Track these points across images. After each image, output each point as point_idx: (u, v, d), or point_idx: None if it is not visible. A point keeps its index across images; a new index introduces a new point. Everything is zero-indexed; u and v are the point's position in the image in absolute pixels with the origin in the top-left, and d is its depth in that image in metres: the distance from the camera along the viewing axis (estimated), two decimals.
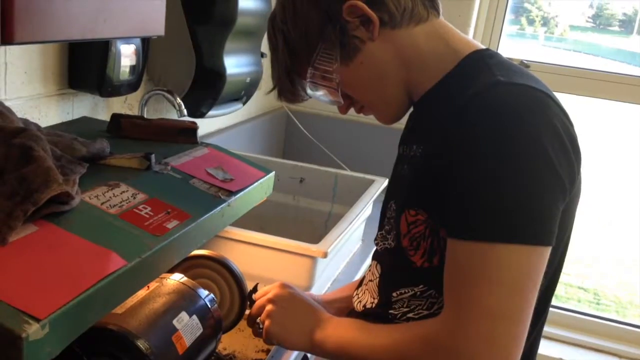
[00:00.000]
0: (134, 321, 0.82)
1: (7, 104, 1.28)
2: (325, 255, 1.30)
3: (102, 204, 0.84)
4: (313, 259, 1.32)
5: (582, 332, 2.62)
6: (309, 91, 0.98)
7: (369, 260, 1.75)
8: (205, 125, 2.02)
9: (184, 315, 0.88)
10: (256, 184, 1.10)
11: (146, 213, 0.86)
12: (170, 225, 0.85)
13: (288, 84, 0.99)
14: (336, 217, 1.56)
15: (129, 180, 0.93)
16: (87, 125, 1.22)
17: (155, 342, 0.81)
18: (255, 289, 1.05)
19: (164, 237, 0.82)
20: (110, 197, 0.86)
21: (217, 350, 1.14)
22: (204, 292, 0.96)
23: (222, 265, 1.05)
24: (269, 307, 0.99)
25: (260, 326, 0.99)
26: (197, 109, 1.65)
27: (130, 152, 1.00)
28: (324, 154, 2.33)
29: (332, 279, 1.59)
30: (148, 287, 0.91)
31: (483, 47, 0.92)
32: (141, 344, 0.79)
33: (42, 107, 1.35)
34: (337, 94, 0.95)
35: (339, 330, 0.94)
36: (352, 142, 2.41)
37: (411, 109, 0.98)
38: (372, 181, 1.77)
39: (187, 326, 0.87)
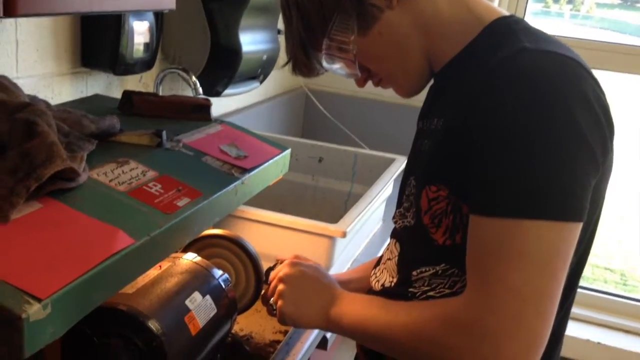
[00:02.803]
0: (145, 301, 0.79)
1: (19, 82, 1.26)
2: (344, 235, 1.26)
3: (111, 181, 0.81)
4: (332, 238, 1.29)
5: (609, 313, 2.57)
6: (324, 64, 0.94)
7: (387, 242, 1.71)
8: (223, 105, 1.99)
9: (197, 295, 0.85)
10: (271, 161, 1.06)
11: (156, 190, 0.83)
12: (181, 203, 0.83)
13: (303, 57, 0.95)
14: (356, 197, 1.52)
15: (139, 157, 0.90)
16: (99, 103, 1.19)
17: (167, 323, 0.79)
18: (272, 268, 1.02)
19: (175, 215, 0.80)
20: (119, 174, 0.83)
21: (233, 331, 1.12)
22: (217, 272, 0.93)
23: (238, 245, 1.02)
24: (280, 287, 0.96)
25: (274, 307, 0.97)
26: (213, 88, 1.62)
27: (141, 129, 0.97)
28: (343, 133, 2.29)
29: (352, 259, 1.56)
30: (160, 266, 0.89)
31: (508, 13, 0.87)
32: (152, 324, 0.76)
33: (55, 86, 1.33)
34: (354, 66, 0.91)
35: (355, 307, 0.90)
36: (371, 120, 2.36)
37: (431, 81, 0.93)
38: (392, 160, 1.73)
39: (200, 307, 0.85)
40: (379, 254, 1.64)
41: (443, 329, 0.76)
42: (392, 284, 0.92)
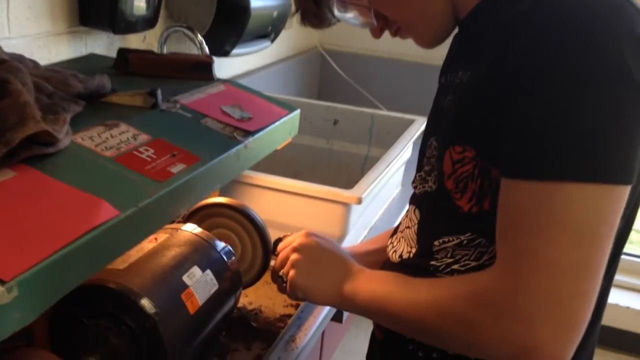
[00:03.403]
0: (138, 278, 0.72)
1: (11, 42, 1.18)
2: (359, 201, 1.18)
3: (97, 145, 0.73)
4: (346, 205, 1.20)
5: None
6: (336, 13, 0.84)
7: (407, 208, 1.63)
8: (234, 66, 1.90)
9: (196, 270, 0.78)
10: (279, 123, 0.98)
11: (148, 156, 0.75)
12: (176, 169, 0.75)
13: (312, 6, 0.86)
14: (373, 161, 1.44)
15: (130, 120, 0.82)
16: (94, 63, 1.11)
17: (162, 301, 0.71)
18: (280, 240, 0.94)
19: (167, 183, 0.72)
20: (106, 138, 0.75)
21: (241, 305, 1.05)
22: (220, 244, 0.85)
23: (243, 214, 0.95)
24: (293, 256, 0.88)
25: (285, 279, 0.89)
26: (221, 47, 1.53)
27: (135, 89, 0.89)
28: (361, 95, 2.19)
29: (369, 226, 1.48)
30: (155, 239, 0.81)
31: None
32: (145, 303, 0.69)
33: (52, 47, 1.25)
34: (369, 14, 0.81)
35: (372, 283, 0.83)
36: (390, 81, 2.26)
37: (455, 30, 0.83)
38: (412, 121, 1.63)
39: (200, 282, 0.77)
40: (398, 221, 1.57)
41: (470, 308, 0.68)
42: (411, 254, 0.84)
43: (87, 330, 0.69)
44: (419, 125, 1.60)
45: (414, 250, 0.84)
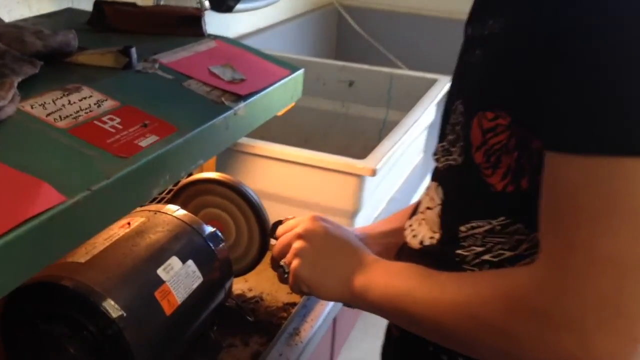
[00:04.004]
0: (100, 273, 0.60)
1: None
2: (373, 173, 1.05)
3: (49, 114, 0.61)
4: (359, 177, 1.07)
5: None
6: None
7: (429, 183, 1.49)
8: (241, 24, 1.76)
9: (174, 261, 0.66)
10: (277, 85, 0.84)
11: (112, 126, 0.62)
12: (145, 142, 0.62)
13: None
14: (392, 125, 1.30)
15: (97, 83, 0.69)
16: (69, 18, 0.97)
17: (129, 301, 0.60)
18: (280, 223, 0.81)
19: (134, 159, 0.59)
20: (62, 106, 0.63)
21: (239, 293, 0.93)
22: (206, 229, 0.73)
23: (235, 192, 0.82)
24: (297, 244, 0.75)
25: (286, 270, 0.76)
26: (223, 2, 1.38)
27: (109, 47, 0.76)
28: (380, 54, 2.03)
29: (387, 198, 1.35)
30: (129, 224, 0.69)
31: None
32: (107, 305, 0.57)
33: (33, 2, 1.12)
34: None
35: (388, 277, 0.70)
36: (410, 38, 2.09)
37: None
38: (434, 81, 1.48)
39: (179, 276, 0.65)
40: (420, 192, 1.43)
41: (507, 313, 0.55)
42: (434, 241, 0.71)
43: (39, 337, 0.58)
44: (443, 85, 1.45)
45: (437, 235, 0.70)
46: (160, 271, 0.63)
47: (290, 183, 1.11)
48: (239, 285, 0.95)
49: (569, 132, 0.52)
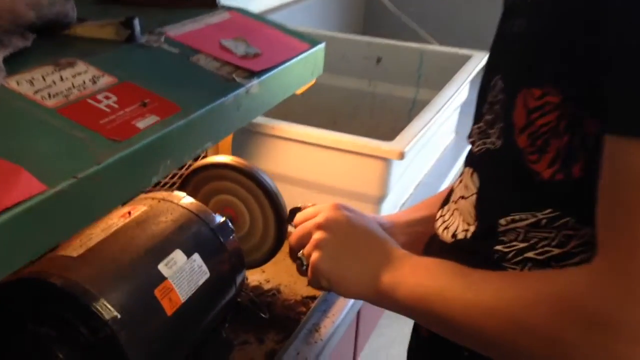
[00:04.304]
0: (93, 269, 0.54)
1: None
2: (401, 156, 0.97)
3: (37, 92, 0.54)
4: (386, 161, 0.99)
5: None
6: None
7: (463, 159, 1.41)
8: (264, 0, 1.68)
9: (178, 255, 0.59)
10: (295, 60, 0.77)
11: (107, 105, 0.56)
12: (144, 123, 0.55)
13: None
14: (422, 105, 1.21)
15: (94, 57, 0.62)
16: None
17: (125, 301, 0.53)
18: (298, 210, 0.74)
19: (129, 142, 0.52)
20: (53, 82, 0.56)
21: (256, 284, 0.87)
22: (215, 218, 0.66)
23: (249, 178, 0.75)
24: (317, 234, 0.68)
25: (305, 262, 0.70)
26: None
27: (109, 18, 0.69)
28: (410, 29, 1.93)
29: (416, 182, 1.27)
30: (129, 213, 0.63)
31: None
32: (100, 305, 0.51)
33: None
34: None
35: (418, 275, 0.62)
36: (442, 11, 1.98)
37: None
38: (468, 57, 1.39)
39: (183, 271, 0.59)
40: (451, 176, 1.35)
41: (558, 321, 0.48)
42: (468, 234, 0.63)
43: (25, 339, 0.52)
44: (478, 61, 1.36)
45: (472, 228, 0.63)
46: (161, 266, 0.57)
47: (313, 166, 1.04)
48: (256, 277, 0.89)
49: (632, 112, 0.44)
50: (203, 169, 0.77)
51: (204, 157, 0.86)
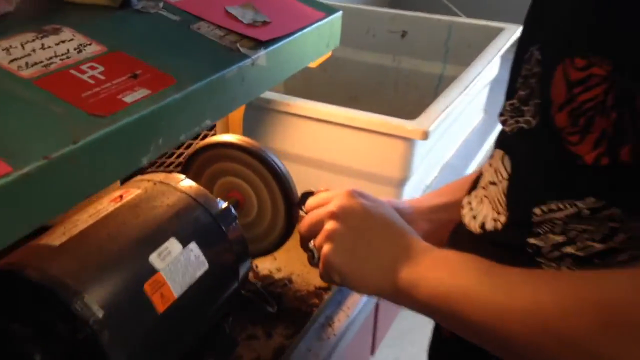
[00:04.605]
0: (75, 261, 0.48)
1: None
2: (425, 136, 0.90)
3: (12, 61, 0.48)
4: (409, 141, 0.92)
5: None
6: None
7: (492, 140, 1.33)
8: None
9: (172, 244, 0.53)
10: (309, 30, 0.70)
11: (91, 77, 0.50)
12: (132, 97, 0.49)
13: None
14: (449, 81, 1.14)
15: (83, 24, 0.56)
16: None
17: (110, 297, 0.48)
18: (310, 194, 0.67)
19: (113, 118, 0.46)
20: (32, 51, 0.50)
21: (266, 274, 0.81)
22: (217, 203, 0.60)
23: (257, 159, 0.68)
24: (329, 224, 0.61)
25: (316, 254, 0.63)
26: None
27: None
28: (437, 1, 1.84)
29: (441, 164, 1.19)
30: (121, 197, 0.57)
31: None
32: (80, 302, 0.46)
33: None
34: None
35: (441, 271, 0.55)
36: None
37: None
38: (500, 30, 1.30)
39: (178, 262, 0.53)
40: (479, 158, 1.28)
41: (597, 332, 0.41)
42: (499, 224, 0.56)
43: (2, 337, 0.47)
44: (510, 35, 1.27)
45: (502, 218, 0.56)
46: (153, 257, 0.51)
47: (331, 146, 0.98)
48: (266, 265, 0.83)
49: None
50: (206, 148, 0.70)
51: (214, 135, 0.81)
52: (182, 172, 0.73)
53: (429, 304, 0.55)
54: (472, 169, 1.21)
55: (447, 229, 0.71)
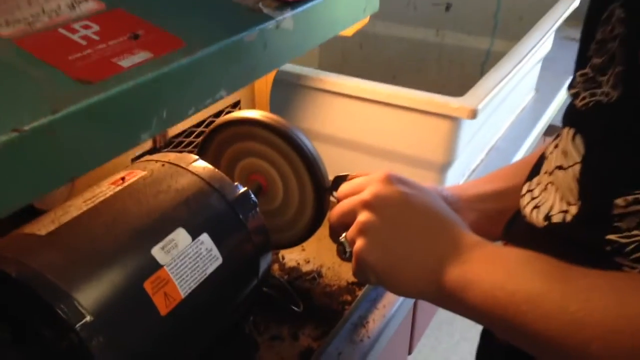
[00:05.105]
0: (62, 253, 0.41)
1: None
2: (473, 114, 0.80)
3: None
4: (455, 120, 0.83)
5: None
6: None
7: (544, 121, 1.23)
8: None
9: (179, 235, 0.46)
10: None
11: (83, 37, 0.42)
12: (129, 61, 0.41)
13: None
14: (498, 57, 1.04)
15: None
16: None
17: (103, 298, 0.40)
18: (343, 179, 0.59)
19: (103, 85, 0.39)
20: (16, 6, 0.43)
21: (293, 265, 0.73)
22: (234, 188, 0.52)
23: (284, 138, 0.60)
24: (363, 215, 0.53)
25: (347, 248, 0.55)
26: None
27: None
28: None
29: (488, 147, 1.10)
30: (122, 179, 0.49)
31: None
32: (68, 304, 0.38)
33: None
34: None
35: (499, 272, 0.46)
36: None
37: None
38: (555, 0, 1.18)
39: (185, 257, 0.45)
40: (528, 142, 1.17)
41: None
42: (569, 217, 0.47)
43: None
44: (567, 5, 1.15)
45: (573, 209, 0.46)
46: (156, 250, 0.44)
47: (367, 126, 0.89)
48: (294, 255, 0.75)
49: None
50: (227, 125, 0.62)
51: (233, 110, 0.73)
52: (198, 153, 0.65)
53: (482, 310, 0.47)
54: (522, 153, 1.10)
55: (498, 221, 0.62)
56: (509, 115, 1.18)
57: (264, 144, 0.62)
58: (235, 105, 0.82)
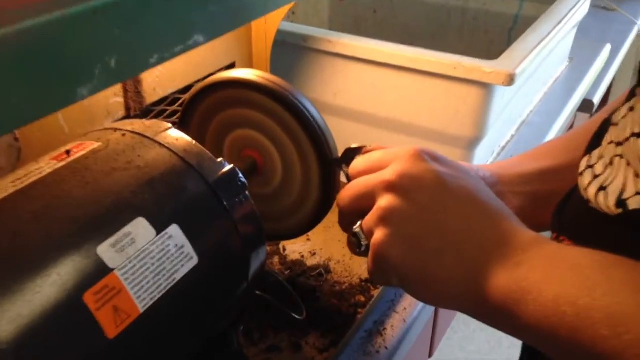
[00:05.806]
0: None
1: None
2: (510, 80, 0.68)
3: None
4: (486, 89, 0.71)
5: None
6: None
7: (580, 93, 1.10)
8: None
9: (139, 227, 0.34)
10: None
11: None
12: None
13: None
14: (527, 23, 0.91)
15: None
16: None
17: (28, 319, 0.29)
18: (357, 152, 0.47)
19: (12, 16, 0.27)
20: None
21: (295, 259, 0.62)
22: (217, 165, 0.40)
23: (284, 105, 0.48)
24: (385, 200, 0.41)
25: (363, 241, 0.43)
26: None
27: None
28: None
29: (519, 121, 0.97)
30: (67, 153, 0.37)
31: None
32: None
33: None
34: None
35: (566, 279, 0.34)
36: None
37: None
38: None
39: (146, 256, 0.34)
40: (565, 114, 1.05)
41: None
42: None
43: None
44: None
45: None
46: (104, 249, 0.32)
47: (384, 96, 0.77)
48: (297, 246, 0.64)
49: None
50: (213, 88, 0.50)
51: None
52: (180, 124, 0.53)
53: (541, 330, 0.35)
54: (557, 128, 0.98)
55: (545, 207, 0.51)
56: (541, 87, 1.05)
57: (259, 111, 0.50)
58: (230, 68, 0.70)
